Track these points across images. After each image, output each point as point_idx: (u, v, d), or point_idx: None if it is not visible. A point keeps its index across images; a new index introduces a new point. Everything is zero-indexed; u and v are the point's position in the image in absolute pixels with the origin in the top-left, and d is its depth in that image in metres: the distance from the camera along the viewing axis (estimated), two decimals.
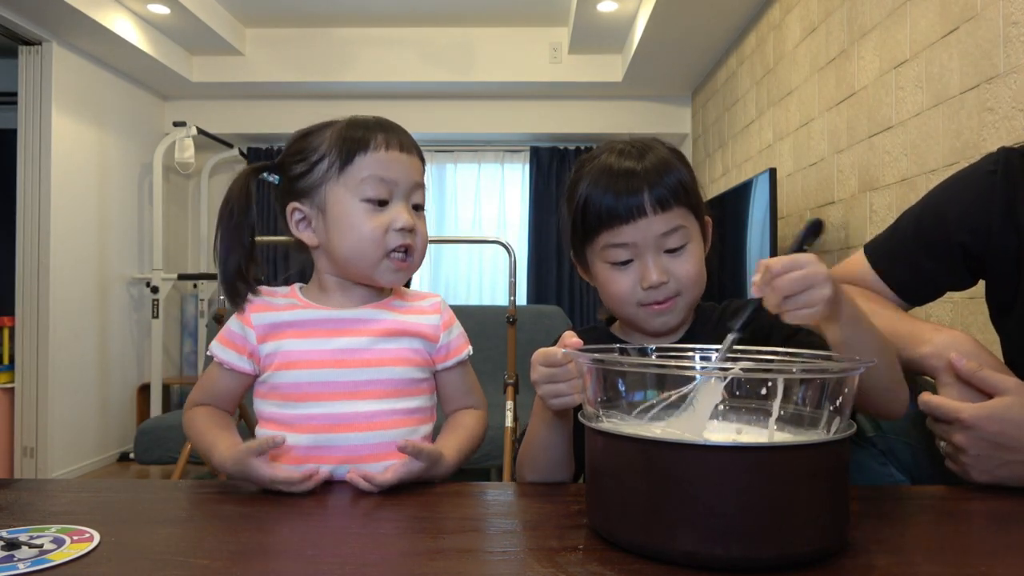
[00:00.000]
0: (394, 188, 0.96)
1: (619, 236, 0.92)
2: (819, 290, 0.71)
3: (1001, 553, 0.67)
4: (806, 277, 0.71)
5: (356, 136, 0.97)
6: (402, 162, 0.97)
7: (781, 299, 0.71)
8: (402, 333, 0.99)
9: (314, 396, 0.94)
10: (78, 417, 4.03)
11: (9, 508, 0.78)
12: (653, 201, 0.91)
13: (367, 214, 0.95)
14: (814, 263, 0.72)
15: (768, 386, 0.64)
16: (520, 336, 3.04)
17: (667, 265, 0.93)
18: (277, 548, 0.68)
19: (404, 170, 0.97)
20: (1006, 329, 1.04)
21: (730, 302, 1.05)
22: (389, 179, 0.96)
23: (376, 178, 0.95)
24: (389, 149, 0.97)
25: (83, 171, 4.11)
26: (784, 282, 0.71)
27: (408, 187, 0.97)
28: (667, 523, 0.61)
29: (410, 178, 0.98)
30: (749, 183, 3.05)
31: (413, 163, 0.99)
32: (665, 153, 0.96)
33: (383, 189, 0.95)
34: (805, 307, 0.71)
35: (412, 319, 1.01)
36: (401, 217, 0.95)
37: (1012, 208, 0.97)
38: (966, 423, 0.85)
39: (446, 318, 1.04)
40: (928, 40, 2.03)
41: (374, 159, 0.96)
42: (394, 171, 0.96)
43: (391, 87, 4.87)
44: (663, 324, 0.96)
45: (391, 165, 0.96)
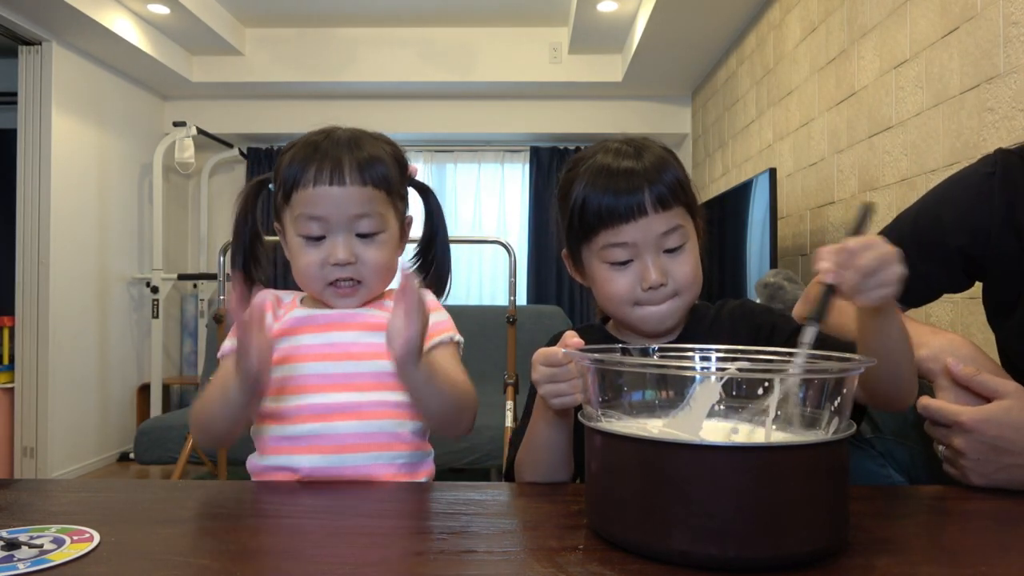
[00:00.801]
0: (327, 224, 0.95)
1: (619, 235, 0.92)
2: (894, 268, 0.71)
3: (1001, 553, 0.67)
4: (883, 256, 0.71)
5: (291, 173, 0.96)
6: (333, 197, 0.94)
7: (862, 278, 0.71)
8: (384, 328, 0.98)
9: (305, 388, 0.96)
10: (78, 417, 4.03)
11: (9, 508, 0.78)
12: (654, 200, 0.91)
13: (303, 248, 0.96)
14: (882, 242, 0.72)
15: (765, 386, 0.64)
16: (520, 336, 3.04)
17: (666, 265, 0.93)
18: (277, 548, 0.68)
19: (336, 205, 0.94)
20: (1005, 330, 1.04)
21: (725, 302, 1.04)
22: (319, 216, 0.94)
23: (306, 216, 0.94)
24: (317, 185, 0.94)
25: (83, 171, 4.11)
26: (865, 260, 0.70)
27: (343, 221, 0.95)
28: (663, 522, 0.61)
29: (344, 212, 0.94)
30: (749, 183, 3.05)
31: (349, 195, 0.94)
32: (661, 151, 0.96)
33: (314, 226, 0.95)
34: (882, 286, 0.71)
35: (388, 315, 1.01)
36: (335, 253, 0.94)
37: (1012, 210, 0.97)
38: (965, 427, 0.85)
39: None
40: (928, 40, 2.03)
41: (304, 197, 0.94)
42: (323, 208, 0.94)
43: (391, 87, 4.87)
44: (660, 324, 0.96)
45: (320, 202, 0.94)
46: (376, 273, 0.98)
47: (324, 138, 0.97)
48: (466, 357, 1.06)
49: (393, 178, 0.99)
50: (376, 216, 0.96)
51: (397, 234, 1.02)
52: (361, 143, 0.98)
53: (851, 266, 0.71)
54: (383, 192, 0.97)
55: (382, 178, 0.97)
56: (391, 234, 0.99)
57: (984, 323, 1.10)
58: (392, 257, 1.00)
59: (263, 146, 5.35)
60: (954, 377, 0.89)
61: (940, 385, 0.91)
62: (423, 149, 5.49)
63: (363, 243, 0.96)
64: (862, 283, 0.71)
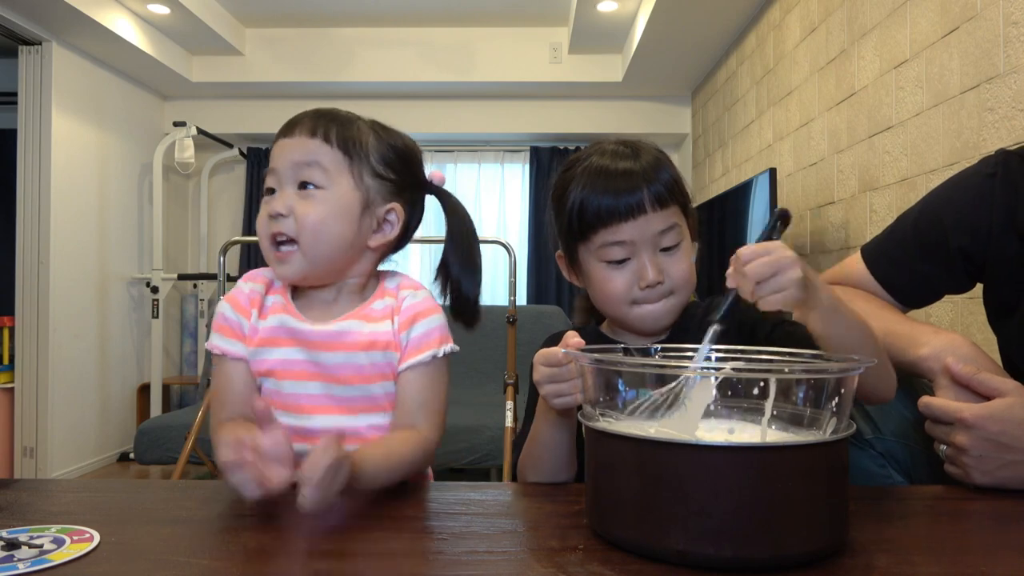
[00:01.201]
0: (277, 176, 0.92)
1: (617, 234, 0.93)
2: (788, 273, 0.73)
3: (1001, 553, 0.67)
4: (774, 261, 0.73)
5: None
6: (284, 147, 0.92)
7: (754, 284, 0.73)
8: (371, 346, 0.92)
9: (293, 407, 0.92)
10: (78, 417, 4.03)
11: (9, 508, 0.78)
12: (652, 198, 0.92)
13: (261, 207, 0.94)
14: (780, 248, 0.74)
15: (760, 386, 0.65)
16: (520, 336, 3.04)
17: (662, 264, 0.95)
18: (277, 548, 0.68)
19: (284, 154, 0.91)
20: (1006, 331, 1.04)
21: (713, 299, 1.05)
22: (272, 168, 0.92)
23: (268, 172, 0.93)
24: (279, 139, 0.93)
25: (83, 171, 4.10)
26: (753, 267, 0.73)
27: (287, 169, 0.91)
28: (659, 522, 0.61)
29: (288, 159, 0.91)
30: (749, 183, 3.04)
31: (299, 144, 0.91)
32: (655, 152, 0.98)
33: (271, 179, 0.92)
34: (777, 290, 0.73)
35: (377, 328, 0.93)
36: (272, 203, 0.91)
37: (1013, 211, 0.97)
38: (968, 423, 0.85)
39: (404, 318, 0.94)
40: (928, 40, 2.03)
41: (271, 154, 0.94)
42: (276, 159, 0.92)
43: (391, 87, 4.87)
44: (656, 323, 0.97)
45: (275, 155, 0.92)
46: (313, 235, 0.89)
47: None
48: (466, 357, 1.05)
49: (364, 146, 0.93)
50: (316, 168, 0.90)
51: (346, 201, 0.91)
52: (337, 115, 0.95)
53: (741, 272, 0.74)
54: (339, 151, 0.91)
55: (342, 139, 0.92)
56: (336, 195, 0.90)
57: (984, 323, 1.10)
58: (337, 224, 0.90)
59: (263, 146, 5.34)
60: (953, 376, 0.89)
61: (940, 384, 0.91)
62: (423, 149, 5.43)
63: (302, 198, 0.90)
64: (756, 289, 0.73)
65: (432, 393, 0.93)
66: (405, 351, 0.92)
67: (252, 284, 0.97)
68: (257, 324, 0.94)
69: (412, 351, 0.92)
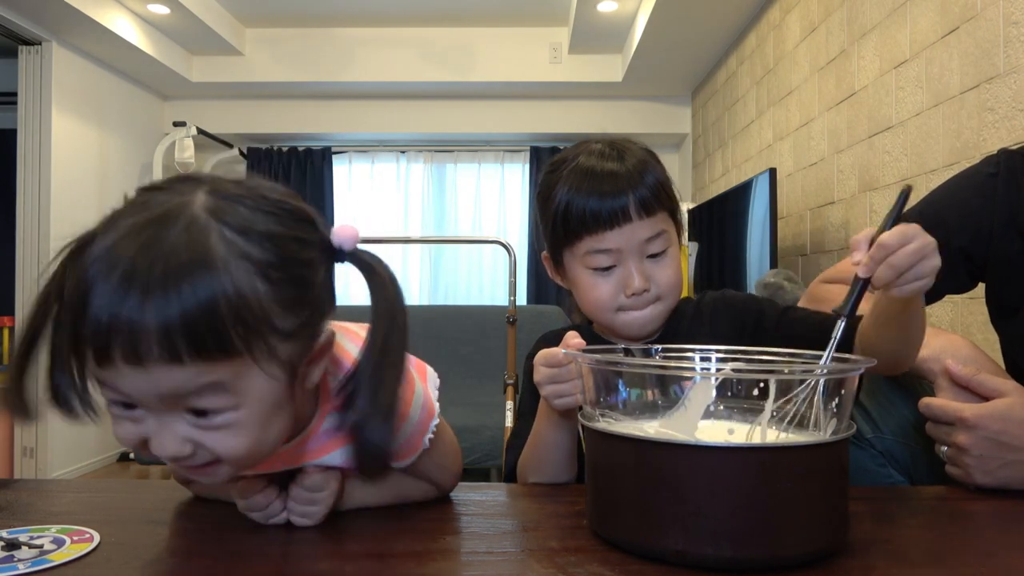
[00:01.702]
0: (136, 401, 0.58)
1: (603, 242, 0.92)
2: (931, 260, 0.70)
3: (1001, 553, 0.67)
4: (921, 249, 0.70)
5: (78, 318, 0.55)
6: (132, 380, 0.55)
7: (897, 275, 0.70)
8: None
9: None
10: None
11: (9, 508, 0.78)
12: (637, 206, 0.91)
13: (118, 420, 0.61)
14: (923, 234, 0.71)
15: (760, 387, 0.65)
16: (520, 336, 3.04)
17: (649, 271, 0.93)
18: (276, 549, 0.68)
19: (136, 385, 0.56)
20: (1009, 331, 1.04)
21: (704, 294, 1.04)
22: (126, 401, 0.58)
23: (102, 383, 0.58)
24: (109, 363, 0.54)
25: (83, 171, 4.10)
26: (901, 256, 0.69)
27: (154, 401, 0.57)
28: (658, 522, 0.61)
29: (150, 391, 0.56)
30: (749, 183, 3.04)
31: (159, 376, 0.54)
32: (642, 154, 0.96)
33: (120, 398, 0.58)
34: (918, 279, 0.70)
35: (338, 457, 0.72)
36: (163, 449, 0.59)
37: (1014, 211, 0.97)
38: (969, 422, 0.85)
39: None
40: (928, 40, 2.03)
41: (94, 368, 0.56)
42: (123, 388, 0.56)
43: (391, 87, 4.87)
44: (642, 330, 0.96)
45: (116, 382, 0.56)
46: (242, 459, 0.62)
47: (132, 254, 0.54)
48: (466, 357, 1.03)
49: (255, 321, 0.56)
50: (208, 396, 0.57)
51: (272, 397, 0.60)
52: (183, 270, 0.54)
53: (886, 262, 0.70)
54: (226, 361, 0.56)
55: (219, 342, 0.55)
56: (252, 405, 0.59)
57: (984, 323, 1.10)
58: (270, 430, 0.62)
59: (263, 146, 5.35)
60: (953, 377, 0.89)
61: (941, 385, 0.91)
62: (423, 149, 5.49)
63: (204, 428, 0.59)
64: (898, 280, 0.70)
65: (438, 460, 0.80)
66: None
67: None
68: None
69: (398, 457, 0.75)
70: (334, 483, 0.73)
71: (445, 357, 3.34)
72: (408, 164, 5.52)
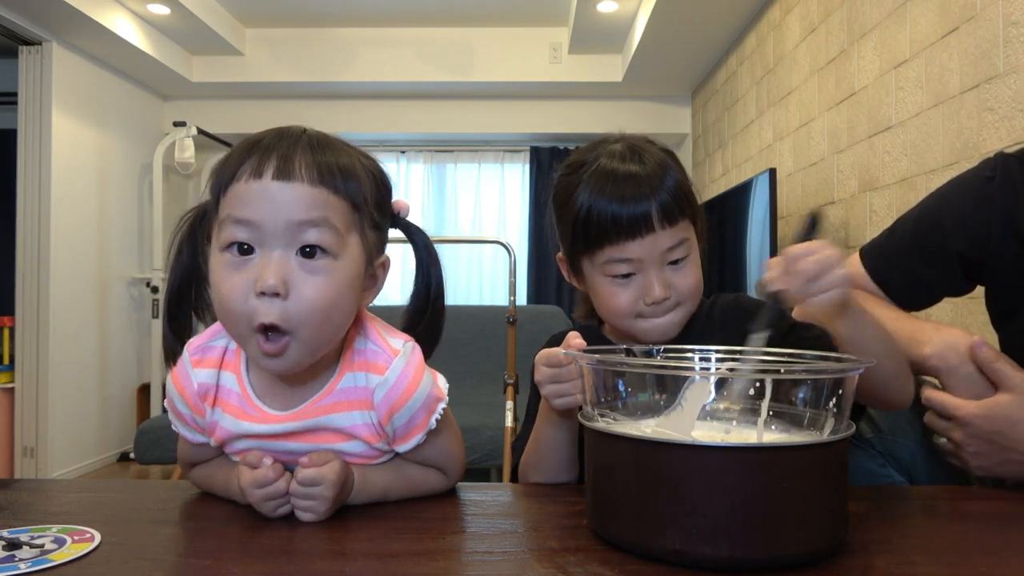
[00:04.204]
0: (261, 233, 0.69)
1: (624, 252, 0.90)
2: (837, 272, 0.73)
3: (1001, 553, 0.67)
4: (824, 259, 0.72)
5: (224, 164, 0.72)
6: (270, 193, 0.68)
7: (804, 283, 0.72)
8: (349, 437, 0.79)
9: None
10: (78, 417, 4.03)
11: (9, 508, 0.78)
12: (660, 215, 0.89)
13: (225, 270, 0.70)
14: (827, 246, 0.73)
15: (757, 386, 0.65)
16: (520, 336, 3.04)
17: (669, 278, 0.92)
18: (277, 548, 0.68)
19: (273, 205, 0.68)
20: (1009, 333, 1.04)
21: (718, 297, 1.04)
22: (249, 220, 0.69)
23: (232, 220, 0.69)
24: (257, 177, 0.69)
25: (83, 171, 4.10)
26: (805, 264, 0.72)
27: (280, 227, 0.68)
28: (656, 522, 0.62)
29: (283, 214, 0.68)
30: (749, 183, 3.05)
31: (300, 193, 0.69)
32: (661, 155, 0.94)
33: (243, 232, 0.69)
34: (827, 289, 0.73)
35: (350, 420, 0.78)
36: (263, 275, 0.68)
37: (1012, 215, 0.97)
38: (962, 420, 0.86)
39: (381, 412, 0.77)
40: (928, 40, 2.03)
41: (234, 194, 0.70)
42: (257, 207, 0.68)
43: (391, 87, 4.87)
44: (663, 336, 0.95)
45: (254, 200, 0.69)
46: (321, 321, 0.70)
47: (276, 134, 0.73)
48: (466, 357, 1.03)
49: (366, 194, 0.74)
50: (327, 230, 0.70)
51: (356, 269, 0.74)
52: (329, 144, 0.74)
53: (792, 272, 0.73)
54: (349, 205, 0.72)
55: (351, 187, 0.73)
56: (346, 264, 0.72)
57: (984, 323, 1.10)
58: (345, 300, 0.73)
59: None
60: (975, 357, 0.88)
61: (947, 383, 0.91)
62: (423, 149, 5.49)
63: (307, 270, 0.70)
64: (805, 288, 0.73)
65: (445, 445, 0.83)
66: (395, 438, 0.79)
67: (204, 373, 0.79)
68: (214, 418, 0.80)
69: (402, 438, 0.79)
70: (331, 475, 0.73)
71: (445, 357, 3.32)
72: (408, 164, 5.52)
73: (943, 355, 0.91)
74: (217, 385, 0.80)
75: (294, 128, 0.74)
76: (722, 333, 0.96)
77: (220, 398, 0.79)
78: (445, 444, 0.82)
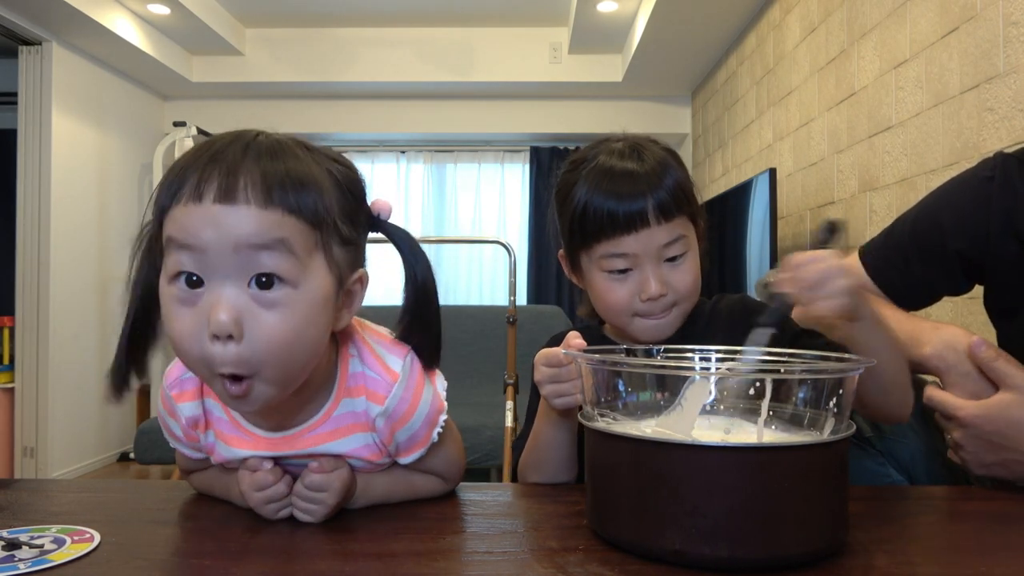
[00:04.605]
0: (207, 260, 0.61)
1: (620, 246, 0.90)
2: (838, 282, 0.74)
3: (1001, 553, 0.67)
4: (826, 270, 0.74)
5: (165, 179, 0.64)
6: (214, 219, 0.60)
7: (805, 289, 0.74)
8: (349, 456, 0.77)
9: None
10: (78, 417, 4.03)
11: (9, 508, 0.78)
12: (656, 211, 0.89)
13: (173, 305, 0.64)
14: (831, 256, 0.75)
15: (756, 386, 0.65)
16: (520, 336, 3.04)
17: (666, 276, 0.92)
18: (277, 548, 0.68)
19: (218, 231, 0.60)
20: (1008, 333, 1.04)
21: (721, 297, 1.04)
22: (192, 246, 0.61)
23: (176, 244, 0.62)
24: (197, 200, 0.61)
25: (83, 171, 4.10)
26: (807, 274, 0.74)
27: (227, 253, 0.61)
28: (656, 521, 0.62)
29: (228, 237, 0.60)
30: (749, 183, 3.05)
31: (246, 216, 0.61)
32: (662, 154, 0.94)
33: (187, 259, 0.62)
34: (827, 298, 0.74)
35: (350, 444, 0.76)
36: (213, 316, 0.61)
37: (1011, 215, 0.97)
38: (962, 421, 0.86)
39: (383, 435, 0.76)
40: (928, 40, 2.03)
41: (175, 218, 0.62)
42: (199, 235, 0.61)
43: (391, 87, 4.87)
44: (659, 335, 0.95)
45: (194, 225, 0.61)
46: (284, 358, 0.63)
47: (222, 144, 0.64)
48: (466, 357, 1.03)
49: (329, 206, 0.65)
50: (282, 254, 0.62)
51: (322, 295, 0.65)
52: (283, 151, 0.64)
53: (795, 277, 0.75)
54: (307, 224, 0.63)
55: (311, 204, 0.63)
56: (309, 291, 0.64)
57: (984, 323, 1.10)
58: (312, 330, 0.65)
59: None
60: (974, 356, 0.88)
61: (947, 381, 0.91)
62: (423, 149, 5.49)
63: (262, 304, 0.62)
64: (807, 295, 0.74)
65: (446, 454, 0.82)
66: (397, 452, 0.78)
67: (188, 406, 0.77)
68: (210, 440, 0.78)
69: (404, 452, 0.78)
70: (337, 483, 0.74)
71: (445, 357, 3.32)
72: (408, 164, 5.52)
73: (942, 354, 0.91)
74: (205, 411, 0.77)
75: (246, 134, 0.66)
76: (726, 333, 0.96)
77: (212, 424, 0.77)
78: (446, 453, 0.82)
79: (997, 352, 0.88)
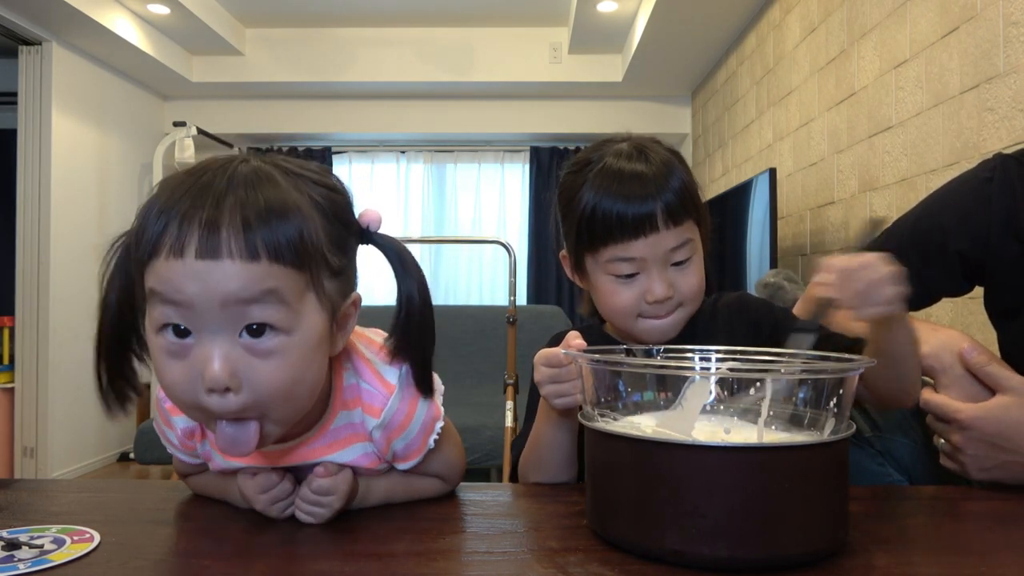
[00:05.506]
0: (196, 315, 0.60)
1: (628, 250, 0.90)
2: (887, 290, 0.73)
3: (1001, 553, 0.67)
4: (876, 279, 0.73)
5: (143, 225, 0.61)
6: (198, 275, 0.58)
7: (857, 296, 0.73)
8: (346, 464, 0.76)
9: None
10: (78, 417, 4.03)
11: (9, 508, 0.78)
12: (664, 215, 0.89)
13: (163, 356, 0.62)
14: (882, 263, 0.73)
15: (756, 386, 0.65)
16: (520, 336, 3.04)
17: (672, 279, 0.92)
18: (277, 548, 0.68)
19: (203, 286, 0.58)
20: (1009, 334, 1.04)
21: (721, 295, 1.04)
22: (177, 302, 0.59)
23: (160, 299, 0.60)
24: (179, 256, 0.58)
25: (83, 171, 4.10)
26: (857, 279, 0.73)
27: (214, 309, 0.59)
28: (655, 521, 0.61)
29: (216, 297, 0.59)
30: (749, 183, 3.05)
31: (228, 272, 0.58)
32: (667, 155, 0.94)
33: (175, 314, 0.60)
34: (875, 305, 0.73)
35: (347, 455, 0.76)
36: (208, 372, 0.59)
37: (1011, 215, 0.97)
38: (963, 423, 0.85)
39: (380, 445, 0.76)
40: (928, 40, 2.03)
41: (156, 271, 0.60)
42: (184, 291, 0.59)
43: (391, 87, 4.87)
44: (663, 336, 0.95)
45: (176, 280, 0.59)
46: (282, 403, 0.64)
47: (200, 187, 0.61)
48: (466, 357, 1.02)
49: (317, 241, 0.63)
50: (272, 305, 0.60)
51: (317, 335, 0.64)
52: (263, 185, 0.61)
53: (845, 286, 0.73)
54: (294, 270, 0.61)
55: (298, 248, 0.61)
56: (303, 335, 0.63)
57: (984, 323, 1.10)
58: (310, 371, 0.65)
59: (263, 146, 5.35)
60: (966, 362, 0.88)
61: (942, 383, 0.91)
62: (423, 149, 5.49)
63: (256, 354, 0.61)
64: (855, 302, 0.73)
65: (445, 457, 0.81)
66: (395, 459, 0.78)
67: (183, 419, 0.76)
68: (207, 449, 0.78)
69: (402, 459, 0.78)
70: (343, 487, 0.74)
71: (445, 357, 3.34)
72: (408, 164, 5.52)
73: (938, 355, 0.91)
74: (201, 424, 0.75)
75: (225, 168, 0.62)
76: (726, 332, 0.96)
77: (207, 435, 0.77)
78: (445, 456, 0.81)
79: (989, 356, 0.88)
